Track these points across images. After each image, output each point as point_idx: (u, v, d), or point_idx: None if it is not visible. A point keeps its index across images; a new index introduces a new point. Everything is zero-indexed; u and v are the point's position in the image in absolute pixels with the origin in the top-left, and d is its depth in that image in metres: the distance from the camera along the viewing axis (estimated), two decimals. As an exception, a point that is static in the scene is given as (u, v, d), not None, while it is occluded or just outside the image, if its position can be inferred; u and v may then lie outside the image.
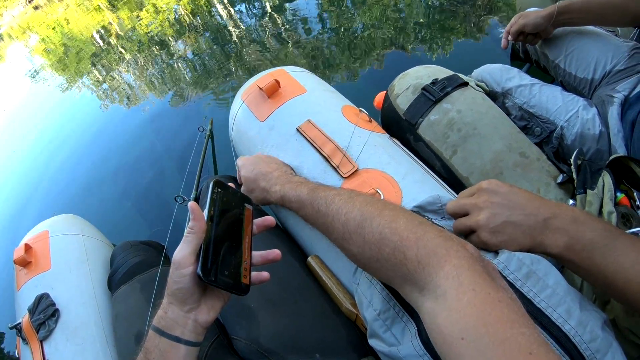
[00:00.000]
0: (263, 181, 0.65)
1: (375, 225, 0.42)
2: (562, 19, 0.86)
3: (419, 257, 0.37)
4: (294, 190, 0.58)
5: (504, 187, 0.49)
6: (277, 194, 0.62)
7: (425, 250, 0.37)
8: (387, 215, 0.43)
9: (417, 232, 0.40)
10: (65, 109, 3.03)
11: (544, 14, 0.86)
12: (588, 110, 0.80)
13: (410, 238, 0.39)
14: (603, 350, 0.39)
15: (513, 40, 0.94)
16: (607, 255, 0.42)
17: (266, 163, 0.69)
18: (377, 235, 0.42)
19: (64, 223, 1.06)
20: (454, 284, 0.34)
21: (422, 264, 0.37)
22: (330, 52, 2.03)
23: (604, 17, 0.83)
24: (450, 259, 0.36)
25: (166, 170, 1.76)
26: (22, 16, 11.15)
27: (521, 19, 0.90)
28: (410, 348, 0.42)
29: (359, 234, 0.44)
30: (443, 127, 0.75)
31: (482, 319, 0.31)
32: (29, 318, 0.82)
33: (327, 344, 0.61)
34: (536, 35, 0.92)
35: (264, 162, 0.69)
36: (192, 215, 0.45)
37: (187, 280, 0.43)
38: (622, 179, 0.63)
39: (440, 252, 0.37)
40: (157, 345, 0.45)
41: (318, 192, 0.54)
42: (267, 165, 0.68)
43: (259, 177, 0.66)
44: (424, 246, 0.38)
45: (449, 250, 0.37)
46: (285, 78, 0.83)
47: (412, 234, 0.39)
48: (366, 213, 0.45)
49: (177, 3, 4.00)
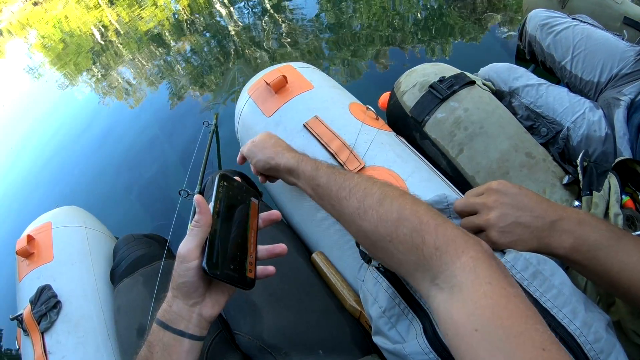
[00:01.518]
0: (271, 147, 0.64)
1: (396, 205, 0.42)
2: None
3: (437, 243, 0.37)
4: (312, 160, 0.57)
5: (513, 189, 0.49)
6: (292, 158, 0.60)
7: (445, 238, 0.37)
8: (409, 198, 0.43)
9: (438, 219, 0.39)
10: (69, 103, 3.01)
11: None
12: (594, 112, 0.80)
13: (431, 223, 0.39)
14: (607, 351, 0.39)
15: None
16: (611, 255, 0.42)
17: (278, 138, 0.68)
18: (396, 214, 0.41)
19: (67, 215, 1.06)
20: (470, 276, 0.34)
21: (440, 251, 0.36)
22: (330, 50, 2.02)
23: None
24: (468, 250, 0.36)
25: (170, 164, 1.75)
26: (21, 12, 11.10)
27: None
28: (416, 346, 0.42)
29: (376, 210, 0.43)
30: (450, 125, 0.75)
31: (498, 312, 0.31)
32: (30, 309, 0.82)
33: (331, 340, 0.61)
34: None
35: (274, 136, 0.68)
36: (198, 208, 0.44)
37: (192, 273, 0.43)
38: (627, 182, 0.63)
39: (459, 242, 0.37)
40: (161, 339, 0.45)
41: (336, 168, 0.53)
42: (278, 139, 0.67)
43: (267, 145, 0.65)
44: (443, 233, 0.37)
45: (467, 242, 0.37)
46: (292, 73, 0.83)
47: (432, 220, 0.39)
48: (387, 192, 0.44)
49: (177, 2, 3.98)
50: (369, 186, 0.46)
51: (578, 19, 0.95)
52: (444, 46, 1.72)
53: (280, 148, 0.64)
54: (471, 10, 1.78)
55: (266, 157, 0.64)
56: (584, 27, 0.92)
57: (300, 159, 0.59)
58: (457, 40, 1.71)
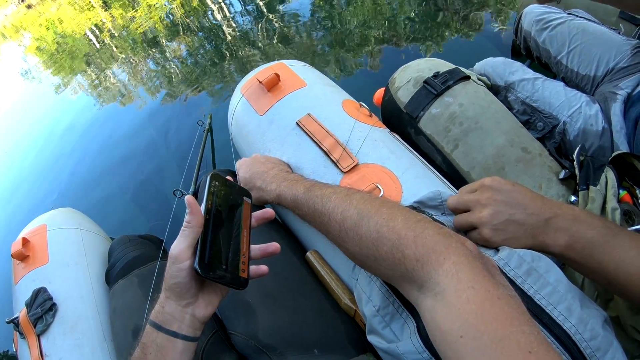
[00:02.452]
0: (259, 180, 0.65)
1: (373, 224, 0.42)
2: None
3: (417, 255, 0.37)
4: (289, 189, 0.58)
5: (507, 185, 0.49)
6: (273, 192, 0.61)
7: (424, 248, 0.37)
8: (385, 213, 0.42)
9: (416, 229, 0.39)
10: (63, 105, 3.01)
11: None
12: (591, 106, 0.79)
13: (409, 236, 0.38)
14: (604, 348, 0.39)
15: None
16: (607, 252, 0.42)
17: (262, 163, 0.68)
18: (375, 233, 0.41)
19: (62, 217, 1.06)
20: (453, 281, 0.33)
21: (421, 262, 0.36)
22: (324, 47, 2.01)
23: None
24: (450, 255, 0.35)
25: (165, 164, 1.75)
26: (15, 15, 11.07)
27: None
28: (410, 345, 0.42)
29: (356, 232, 0.43)
30: (444, 120, 0.74)
31: (481, 317, 0.30)
32: (26, 312, 0.82)
33: (326, 339, 0.60)
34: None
35: (259, 162, 0.68)
36: (189, 209, 0.44)
37: (184, 274, 0.43)
38: (624, 176, 0.62)
39: (439, 249, 0.36)
40: (154, 340, 0.44)
41: (314, 190, 0.53)
42: (262, 165, 0.67)
43: (254, 177, 0.66)
44: (422, 244, 0.37)
45: (448, 247, 0.36)
46: (285, 71, 0.82)
47: (410, 232, 0.39)
48: (363, 211, 0.44)
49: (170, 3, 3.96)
50: (346, 207, 0.46)
51: (574, 14, 0.95)
52: (439, 42, 1.71)
53: (259, 182, 0.65)
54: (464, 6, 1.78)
55: (255, 192, 0.65)
56: (580, 21, 0.92)
57: (279, 191, 0.60)
58: (453, 36, 1.70)
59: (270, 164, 0.67)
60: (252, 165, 0.68)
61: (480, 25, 1.66)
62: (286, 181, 0.60)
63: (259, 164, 0.68)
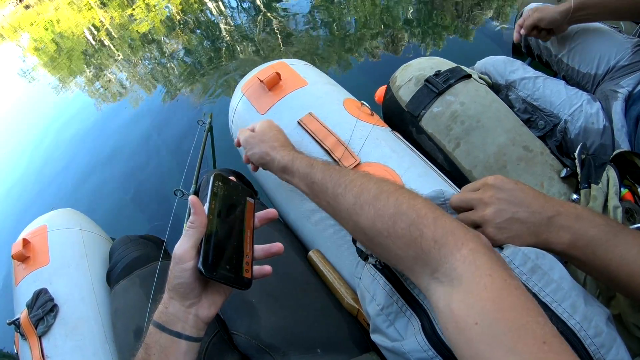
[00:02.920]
0: (269, 141, 0.64)
1: (393, 199, 0.41)
2: (579, 15, 0.83)
3: (435, 236, 0.36)
4: (306, 158, 0.57)
5: (510, 184, 0.49)
6: (287, 156, 0.60)
7: (443, 230, 0.36)
8: (405, 192, 0.42)
9: (436, 212, 0.39)
10: (63, 105, 3.00)
11: (560, 9, 0.83)
12: (592, 104, 0.79)
13: (429, 216, 0.38)
14: (607, 345, 0.39)
15: (526, 34, 0.91)
16: (610, 250, 0.42)
17: (278, 130, 0.68)
18: (393, 208, 0.40)
19: (63, 217, 1.05)
20: (470, 268, 0.33)
21: (439, 244, 0.36)
22: (324, 46, 2.01)
23: (621, 11, 0.80)
24: (468, 242, 0.35)
25: (165, 164, 1.75)
26: (13, 15, 11.03)
27: (537, 12, 0.87)
28: (414, 343, 0.42)
29: (373, 205, 0.42)
30: (446, 119, 0.74)
31: (499, 304, 0.30)
32: (27, 313, 0.82)
33: (329, 339, 0.60)
34: (549, 31, 0.89)
35: (275, 127, 0.68)
36: (193, 209, 0.44)
37: (188, 275, 0.43)
38: (626, 174, 0.62)
39: (459, 233, 0.36)
40: (157, 341, 0.44)
41: (331, 165, 0.53)
42: (278, 132, 0.67)
43: (265, 138, 0.65)
44: (442, 226, 0.37)
45: (467, 234, 0.36)
46: (286, 70, 0.82)
47: (431, 213, 0.38)
48: (383, 187, 0.43)
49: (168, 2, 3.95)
50: (365, 182, 0.45)
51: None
52: (440, 40, 1.71)
53: (276, 143, 0.63)
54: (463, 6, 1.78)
55: (262, 151, 0.63)
56: None
57: (295, 156, 0.59)
58: (453, 35, 1.70)
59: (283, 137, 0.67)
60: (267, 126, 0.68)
61: (481, 23, 1.66)
62: (301, 153, 0.60)
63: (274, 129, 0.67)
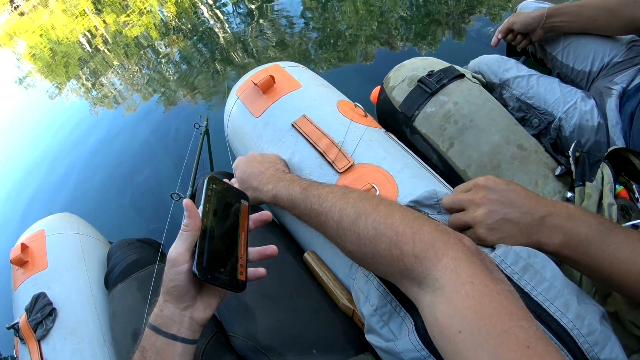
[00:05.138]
0: (255, 181, 0.64)
1: (370, 221, 0.42)
2: (552, 22, 0.84)
3: (415, 252, 0.37)
4: (286, 189, 0.57)
5: (501, 184, 0.49)
6: (269, 193, 0.60)
7: (422, 244, 0.37)
8: (382, 210, 0.42)
9: (414, 226, 0.39)
10: (59, 111, 3.00)
11: (535, 14, 0.85)
12: (586, 101, 0.79)
13: (407, 233, 0.38)
14: (601, 343, 0.39)
15: (502, 37, 0.94)
16: (602, 249, 0.42)
17: (259, 162, 0.67)
18: (372, 231, 0.41)
19: (60, 222, 1.05)
20: (451, 277, 0.33)
21: (420, 258, 0.36)
22: (318, 48, 2.01)
23: (596, 22, 0.81)
24: (448, 251, 0.35)
25: (162, 167, 1.75)
26: (8, 23, 11.01)
27: (512, 16, 0.90)
28: (408, 343, 0.42)
29: (354, 230, 0.43)
30: (439, 119, 0.75)
31: (480, 312, 0.30)
32: (26, 318, 0.82)
33: (324, 340, 0.61)
34: (526, 36, 0.90)
35: (256, 161, 0.68)
36: (187, 212, 0.44)
37: (182, 277, 0.43)
38: (621, 171, 0.62)
39: (438, 245, 0.36)
40: (153, 344, 0.44)
41: (311, 190, 0.53)
42: (259, 165, 0.67)
43: (251, 177, 0.65)
44: (420, 240, 0.37)
45: (446, 244, 0.36)
46: (280, 73, 0.82)
47: (408, 229, 0.39)
48: (360, 209, 0.44)
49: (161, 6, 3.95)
50: (344, 206, 0.46)
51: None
52: (433, 40, 1.71)
53: (255, 182, 0.64)
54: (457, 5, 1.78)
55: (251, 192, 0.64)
56: None
57: (276, 190, 0.59)
58: (446, 35, 1.70)
59: (267, 164, 0.67)
60: (248, 164, 0.68)
61: (474, 22, 1.66)
62: (282, 181, 0.60)
63: (256, 164, 0.67)
